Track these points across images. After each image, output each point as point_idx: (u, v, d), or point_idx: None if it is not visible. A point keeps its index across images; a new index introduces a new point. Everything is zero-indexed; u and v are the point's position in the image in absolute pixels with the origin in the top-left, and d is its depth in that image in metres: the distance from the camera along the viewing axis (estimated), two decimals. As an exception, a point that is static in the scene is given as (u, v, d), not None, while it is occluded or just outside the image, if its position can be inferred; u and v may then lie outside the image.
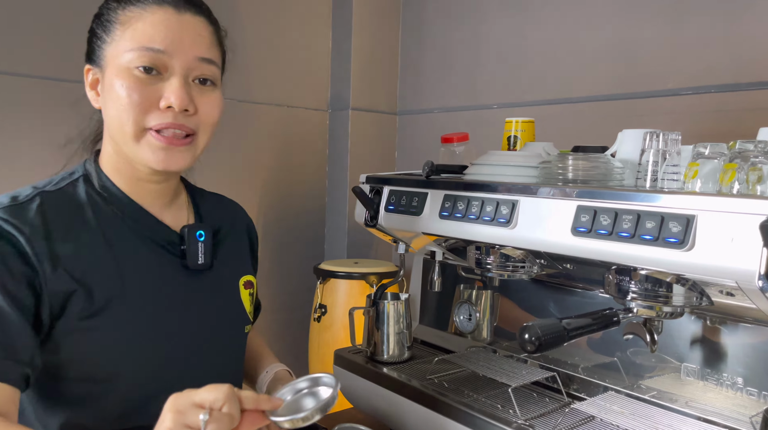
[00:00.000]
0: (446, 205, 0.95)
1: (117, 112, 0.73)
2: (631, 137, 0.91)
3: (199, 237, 0.81)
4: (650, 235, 0.70)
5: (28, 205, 0.73)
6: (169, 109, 0.73)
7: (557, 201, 0.81)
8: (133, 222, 0.79)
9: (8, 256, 0.68)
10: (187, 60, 0.74)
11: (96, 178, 0.79)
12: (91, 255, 0.74)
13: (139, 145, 0.74)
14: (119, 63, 0.73)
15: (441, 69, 2.11)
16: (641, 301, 0.75)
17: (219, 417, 0.57)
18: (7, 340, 0.66)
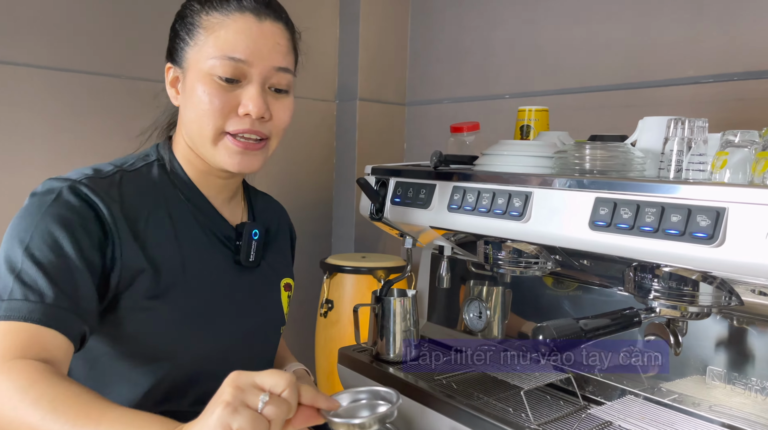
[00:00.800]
0: (455, 198, 0.91)
1: (197, 116, 0.76)
2: (653, 125, 0.86)
3: (254, 235, 0.84)
4: (676, 229, 0.64)
5: (110, 180, 0.75)
6: (247, 116, 0.76)
7: (574, 193, 0.76)
8: (198, 211, 0.81)
9: (89, 220, 0.71)
10: (265, 69, 0.77)
11: (169, 164, 0.81)
12: (161, 237, 0.76)
13: (216, 148, 0.77)
14: (201, 68, 0.76)
15: (451, 58, 2.05)
16: (665, 300, 0.70)
17: (278, 402, 0.55)
18: (75, 293, 0.67)
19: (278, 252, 0.93)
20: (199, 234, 0.80)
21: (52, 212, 0.69)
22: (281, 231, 0.96)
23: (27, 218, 0.69)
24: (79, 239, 0.69)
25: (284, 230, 0.98)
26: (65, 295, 0.66)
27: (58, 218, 0.69)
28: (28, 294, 0.64)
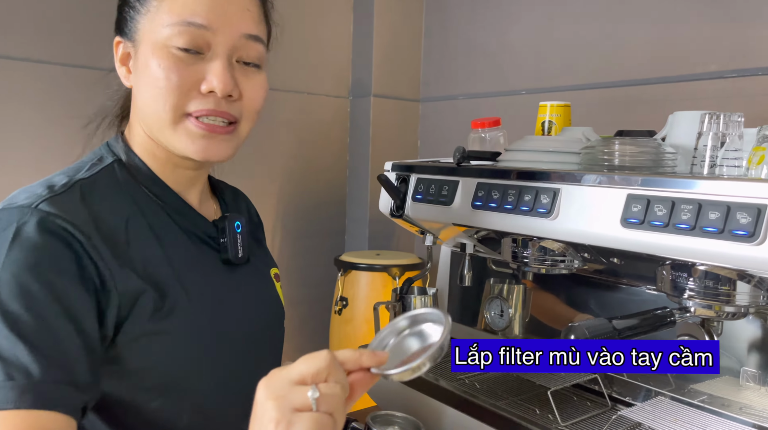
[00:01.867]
0: (479, 194, 0.89)
1: (152, 95, 0.65)
2: (685, 120, 0.84)
3: (236, 228, 0.74)
4: (714, 227, 0.63)
5: (70, 197, 0.62)
6: (211, 94, 0.65)
7: (604, 189, 0.74)
8: (175, 212, 0.71)
9: (64, 259, 0.58)
10: (232, 38, 0.66)
11: (135, 163, 0.70)
12: (146, 250, 0.65)
13: (176, 132, 0.66)
14: (156, 39, 0.65)
15: (466, 54, 2.03)
16: (700, 299, 0.68)
17: (329, 391, 0.47)
18: (63, 361, 0.56)
19: (258, 243, 0.85)
20: (182, 238, 0.70)
21: (15, 259, 0.56)
22: (251, 217, 0.87)
23: None
24: (58, 287, 0.57)
25: (251, 214, 0.88)
26: (55, 365, 0.55)
27: (26, 266, 0.56)
28: (11, 372, 0.52)
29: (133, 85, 0.69)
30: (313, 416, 0.46)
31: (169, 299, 0.65)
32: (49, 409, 0.53)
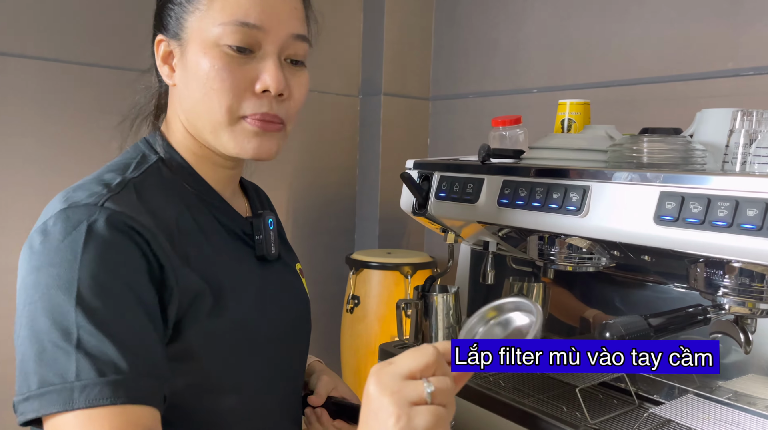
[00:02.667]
0: (506, 192, 0.89)
1: (205, 95, 0.65)
2: (713, 117, 0.84)
3: (270, 225, 0.75)
4: (753, 224, 0.63)
5: (128, 195, 0.62)
6: (265, 94, 0.66)
7: (636, 187, 0.74)
8: (216, 210, 0.71)
9: (134, 255, 0.58)
10: (283, 37, 0.66)
11: (178, 162, 0.70)
12: (197, 248, 0.65)
13: (232, 132, 0.66)
14: (206, 37, 0.64)
15: (477, 52, 2.03)
16: (734, 297, 0.68)
17: (442, 384, 0.47)
18: (146, 355, 0.56)
19: (284, 240, 0.86)
20: (224, 234, 0.71)
21: (91, 257, 0.56)
22: (275, 217, 0.88)
23: (60, 266, 0.55)
24: (132, 283, 0.57)
25: (275, 216, 0.87)
26: (140, 359, 0.55)
27: (102, 263, 0.56)
28: (102, 369, 0.53)
29: (179, 83, 0.69)
30: (431, 408, 0.46)
31: (222, 296, 0.65)
32: (141, 403, 0.54)
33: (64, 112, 1.48)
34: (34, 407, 0.52)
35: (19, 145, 1.42)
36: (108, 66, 1.53)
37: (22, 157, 1.42)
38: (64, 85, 1.48)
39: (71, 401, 0.51)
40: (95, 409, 0.52)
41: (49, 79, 1.46)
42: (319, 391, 0.81)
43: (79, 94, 1.50)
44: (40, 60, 1.45)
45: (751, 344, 0.71)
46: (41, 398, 0.52)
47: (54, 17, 1.45)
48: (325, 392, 0.80)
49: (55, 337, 0.53)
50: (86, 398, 0.51)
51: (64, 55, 1.48)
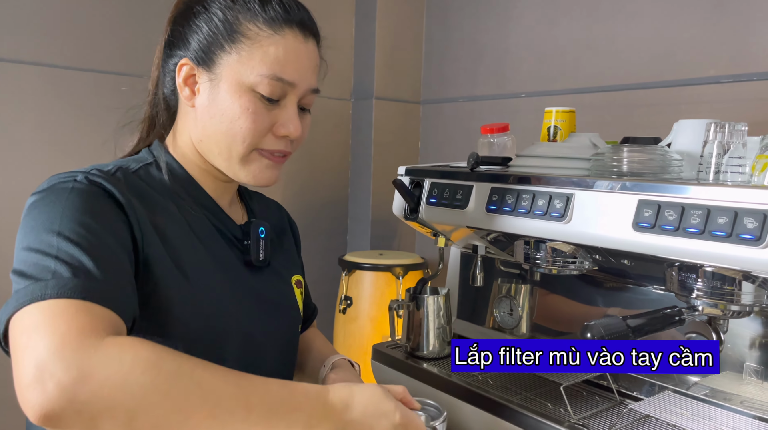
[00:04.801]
0: (493, 199, 0.93)
1: (229, 130, 0.72)
2: (690, 128, 0.88)
3: (260, 233, 0.81)
4: (723, 231, 0.67)
5: (115, 175, 0.70)
6: (284, 137, 0.74)
7: (616, 195, 0.78)
8: (208, 212, 0.78)
9: (111, 205, 0.66)
10: (304, 91, 0.74)
11: (173, 167, 0.76)
12: (180, 232, 0.71)
13: (247, 165, 0.74)
14: (243, 81, 0.70)
15: (467, 57, 2.07)
16: (707, 299, 0.72)
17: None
18: (120, 272, 0.61)
19: (284, 250, 0.91)
20: (215, 234, 0.77)
21: (74, 199, 0.63)
22: (283, 229, 0.94)
23: (47, 207, 0.62)
24: (109, 221, 0.64)
25: (285, 227, 0.96)
26: (111, 273, 0.59)
27: (83, 203, 0.63)
28: (77, 274, 0.57)
29: (198, 107, 0.74)
30: None
31: (189, 278, 0.69)
32: (109, 307, 0.57)
33: (58, 117, 1.50)
34: (9, 307, 0.55)
35: (17, 149, 1.44)
36: (106, 71, 1.55)
37: (19, 160, 1.44)
38: (61, 90, 1.50)
39: (44, 294, 0.54)
40: (64, 300, 0.54)
41: (46, 83, 1.48)
42: None
43: (76, 98, 1.52)
44: (36, 65, 1.47)
45: (723, 343, 0.76)
46: (17, 294, 0.55)
47: (52, 22, 1.47)
48: None
49: (37, 256, 0.58)
50: (58, 291, 0.55)
51: (60, 61, 1.50)
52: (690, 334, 0.79)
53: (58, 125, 1.50)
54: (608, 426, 0.81)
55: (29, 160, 1.46)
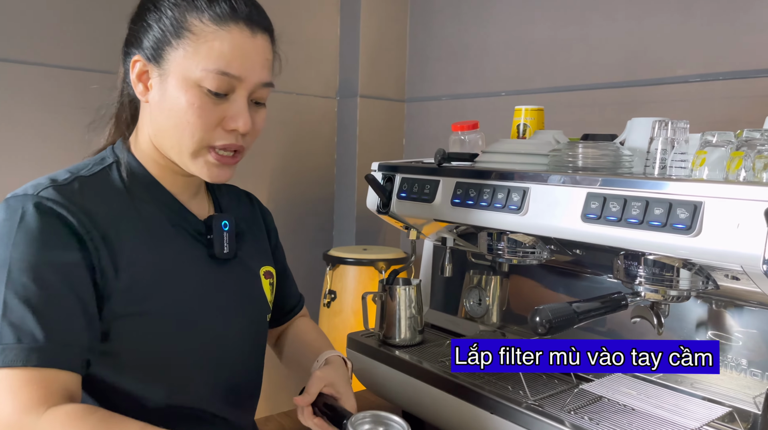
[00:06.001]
0: (458, 193, 0.98)
1: (178, 125, 0.74)
2: (640, 126, 0.93)
3: (224, 227, 0.83)
4: (658, 221, 0.72)
5: (69, 188, 0.72)
6: (233, 131, 0.75)
7: (567, 188, 0.83)
8: (168, 209, 0.80)
9: (63, 235, 0.68)
10: (254, 85, 0.75)
11: (132, 166, 0.79)
12: (133, 241, 0.74)
13: (195, 161, 0.76)
14: (189, 76, 0.72)
15: (449, 56, 2.12)
16: (648, 285, 0.77)
17: None
18: (67, 326, 0.66)
19: (253, 241, 0.92)
20: (172, 233, 0.79)
21: (22, 239, 0.66)
22: (254, 219, 0.95)
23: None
24: (59, 262, 0.67)
25: (256, 217, 0.96)
26: (58, 330, 0.65)
27: (32, 244, 0.66)
28: (20, 336, 0.63)
29: (153, 105, 0.76)
30: None
31: (150, 285, 0.73)
32: (55, 367, 0.64)
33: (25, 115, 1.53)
34: None
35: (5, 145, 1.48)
36: (91, 69, 1.59)
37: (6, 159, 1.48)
38: (46, 88, 1.54)
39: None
40: (10, 369, 0.62)
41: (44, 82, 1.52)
42: (308, 389, 0.82)
43: (62, 96, 1.55)
44: (23, 64, 1.50)
45: (662, 327, 0.81)
46: None
47: (43, 22, 1.51)
48: (315, 390, 0.82)
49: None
50: (3, 359, 0.62)
51: (48, 59, 1.54)
52: (635, 318, 0.84)
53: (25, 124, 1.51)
54: (561, 406, 0.87)
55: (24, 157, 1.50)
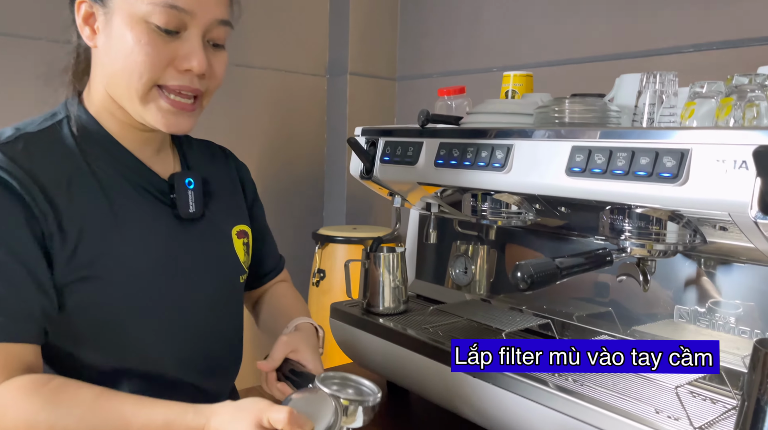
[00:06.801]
0: (441, 154, 0.95)
1: (126, 66, 0.69)
2: (630, 82, 0.90)
3: (188, 185, 0.79)
4: (644, 171, 0.69)
5: (11, 147, 0.68)
6: (187, 72, 0.70)
7: (552, 143, 0.81)
8: (126, 168, 0.75)
9: (4, 201, 0.65)
10: (208, 22, 0.71)
11: (83, 121, 0.74)
12: (86, 202, 0.70)
13: (146, 106, 0.71)
14: (134, 12, 0.67)
15: (441, 32, 2.08)
16: (635, 239, 0.75)
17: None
18: (15, 297, 0.65)
19: (226, 199, 0.87)
20: (131, 192, 0.74)
21: None
22: (228, 176, 0.90)
23: None
24: (8, 228, 0.65)
25: (231, 174, 0.91)
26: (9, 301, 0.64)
27: None
28: None
29: (101, 49, 0.72)
30: None
31: (104, 248, 0.70)
32: (5, 341, 0.64)
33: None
34: None
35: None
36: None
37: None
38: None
39: None
40: None
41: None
42: (272, 354, 0.80)
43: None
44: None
45: (648, 283, 0.79)
46: None
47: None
48: (280, 356, 0.79)
49: None
50: None
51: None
52: (621, 276, 0.81)
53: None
54: (546, 369, 0.84)
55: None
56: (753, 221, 0.62)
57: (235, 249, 0.85)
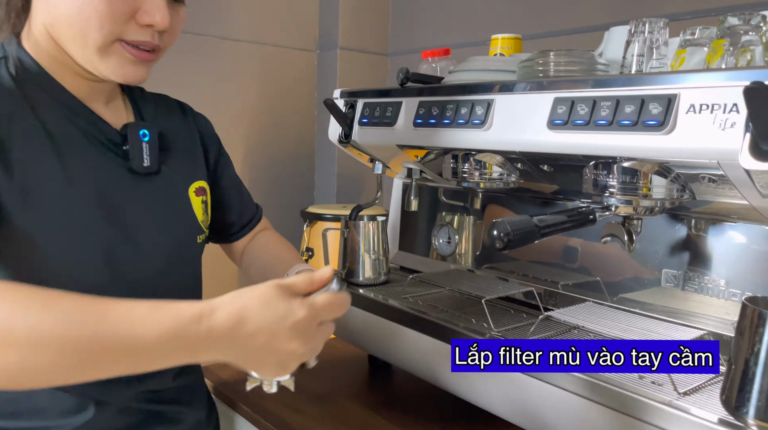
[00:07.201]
0: (420, 113, 0.90)
1: (82, 13, 0.63)
2: (619, 35, 0.85)
3: (143, 137, 0.74)
4: (629, 120, 0.65)
5: None
6: (149, 26, 0.66)
7: (534, 95, 0.76)
8: (73, 114, 0.70)
9: None
10: None
11: (25, 63, 0.68)
12: (31, 146, 0.65)
13: (105, 57, 0.66)
14: None
15: (434, 6, 2.02)
16: (620, 195, 0.70)
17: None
18: None
19: (184, 155, 0.82)
20: (81, 139, 0.69)
21: None
22: (186, 131, 0.85)
23: None
24: None
25: (190, 129, 0.86)
26: None
27: None
28: None
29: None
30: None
31: (45, 197, 0.65)
32: None
33: None
34: None
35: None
36: None
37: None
38: None
39: None
40: None
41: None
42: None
43: None
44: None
45: (633, 243, 0.74)
46: None
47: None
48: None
49: None
50: None
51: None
52: (605, 238, 0.77)
53: None
54: (525, 337, 0.80)
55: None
56: (744, 169, 0.58)
57: (193, 208, 0.80)
